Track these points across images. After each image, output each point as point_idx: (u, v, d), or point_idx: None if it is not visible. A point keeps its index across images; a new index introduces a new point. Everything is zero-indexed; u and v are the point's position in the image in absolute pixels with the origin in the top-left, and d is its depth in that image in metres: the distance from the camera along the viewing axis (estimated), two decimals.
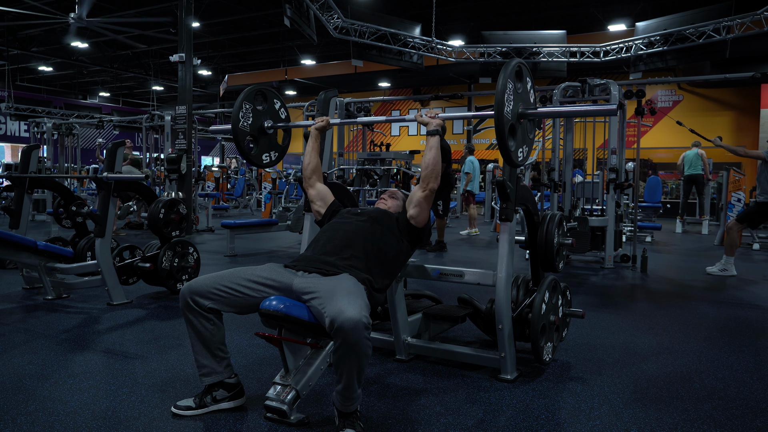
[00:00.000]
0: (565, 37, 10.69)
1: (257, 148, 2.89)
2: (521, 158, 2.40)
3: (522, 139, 2.39)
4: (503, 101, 2.22)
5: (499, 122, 2.21)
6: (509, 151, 2.30)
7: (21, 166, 4.80)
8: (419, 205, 2.52)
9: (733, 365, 3.01)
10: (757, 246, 8.03)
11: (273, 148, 2.99)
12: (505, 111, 2.23)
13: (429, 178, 2.50)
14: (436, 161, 2.50)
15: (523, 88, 2.39)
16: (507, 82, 2.24)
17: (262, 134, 2.89)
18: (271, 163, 3.00)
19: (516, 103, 2.32)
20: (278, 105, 2.97)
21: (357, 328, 1.88)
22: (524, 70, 2.39)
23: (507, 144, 2.27)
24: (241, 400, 2.34)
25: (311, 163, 2.81)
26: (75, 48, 16.37)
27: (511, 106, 2.28)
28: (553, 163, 6.61)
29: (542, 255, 2.96)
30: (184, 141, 8.94)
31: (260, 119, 2.86)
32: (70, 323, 3.67)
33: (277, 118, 2.95)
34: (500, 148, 2.30)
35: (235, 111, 2.74)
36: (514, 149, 2.34)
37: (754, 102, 14.86)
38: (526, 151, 2.44)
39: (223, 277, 2.23)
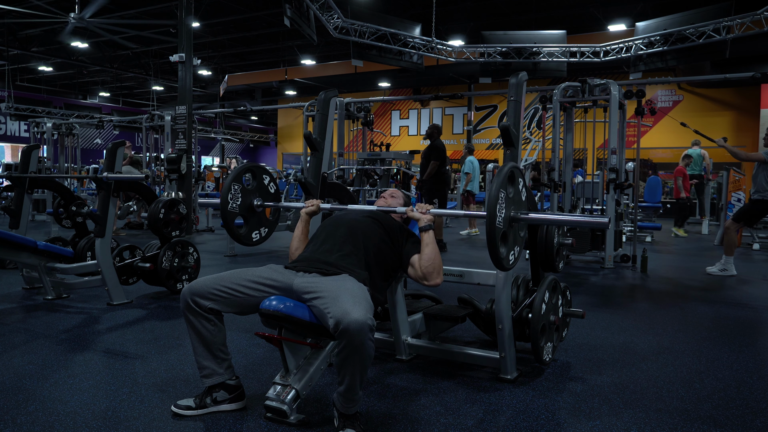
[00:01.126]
0: (565, 37, 10.69)
1: (247, 227, 2.85)
2: (512, 261, 2.34)
3: (513, 242, 2.34)
4: (495, 212, 2.16)
5: (490, 233, 2.16)
6: (500, 258, 2.23)
7: (21, 166, 4.80)
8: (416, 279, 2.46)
9: (733, 365, 3.01)
10: (757, 246, 8.03)
11: (262, 225, 2.93)
12: (497, 221, 2.18)
13: (431, 274, 2.41)
14: (435, 256, 2.42)
15: (515, 191, 2.33)
16: (499, 191, 2.19)
17: (251, 213, 2.84)
18: (260, 240, 2.94)
19: (508, 209, 2.27)
20: (267, 180, 2.91)
21: (362, 330, 1.88)
22: (516, 173, 2.33)
23: (498, 252, 2.21)
24: (242, 402, 2.34)
25: (299, 249, 2.71)
26: (75, 48, 16.37)
27: (503, 213, 2.22)
28: (553, 163, 6.61)
29: (542, 255, 2.95)
30: (184, 141, 8.94)
31: (249, 198, 2.81)
32: (70, 323, 3.67)
33: (266, 194, 2.89)
34: (491, 255, 2.23)
35: (224, 194, 2.70)
36: (505, 255, 2.28)
37: (754, 102, 14.87)
38: (517, 252, 2.38)
39: (223, 278, 2.23)
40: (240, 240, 2.84)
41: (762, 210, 5.84)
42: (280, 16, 8.43)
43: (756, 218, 6.01)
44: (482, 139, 19.62)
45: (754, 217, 5.96)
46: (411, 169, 8.21)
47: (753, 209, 5.88)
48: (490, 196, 2.18)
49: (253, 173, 2.89)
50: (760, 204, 5.79)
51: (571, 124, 6.68)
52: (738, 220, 5.92)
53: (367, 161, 7.46)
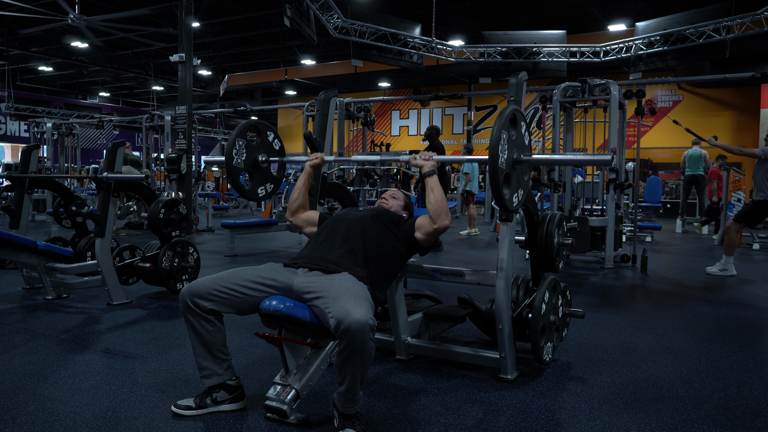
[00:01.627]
0: (565, 37, 10.69)
1: (252, 182, 2.87)
2: (516, 203, 2.36)
3: (516, 185, 2.36)
4: (498, 152, 2.18)
5: (493, 173, 2.17)
6: (503, 199, 2.26)
7: (21, 166, 4.80)
8: (427, 235, 2.49)
9: (733, 365, 3.01)
10: (757, 246, 8.03)
11: (268, 181, 2.96)
12: (500, 162, 2.19)
13: (438, 216, 2.44)
14: (442, 199, 2.46)
15: (518, 134, 2.35)
16: (501, 132, 2.20)
17: (256, 169, 2.86)
18: (266, 196, 2.97)
19: (511, 151, 2.29)
20: (271, 137, 2.93)
21: (363, 330, 1.88)
22: (518, 116, 2.35)
23: (501, 193, 2.24)
24: (242, 402, 2.33)
25: (298, 200, 2.74)
26: (75, 48, 16.37)
27: (505, 155, 2.24)
28: None
29: (542, 255, 2.96)
30: (184, 141, 8.94)
31: (254, 154, 2.83)
32: (70, 323, 3.67)
33: (270, 150, 2.91)
34: (494, 196, 2.26)
35: (228, 148, 2.71)
36: (509, 197, 2.31)
37: (754, 102, 14.86)
38: (521, 194, 2.40)
39: (222, 278, 2.22)
40: (246, 195, 2.88)
41: (764, 210, 5.83)
42: (280, 16, 8.43)
43: (758, 219, 6.00)
44: (482, 139, 19.61)
45: (756, 217, 5.96)
46: (411, 169, 8.21)
47: (755, 210, 5.88)
48: (493, 137, 2.20)
49: (258, 130, 2.90)
50: (762, 204, 5.78)
51: (571, 124, 6.68)
52: (739, 220, 5.92)
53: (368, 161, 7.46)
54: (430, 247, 2.59)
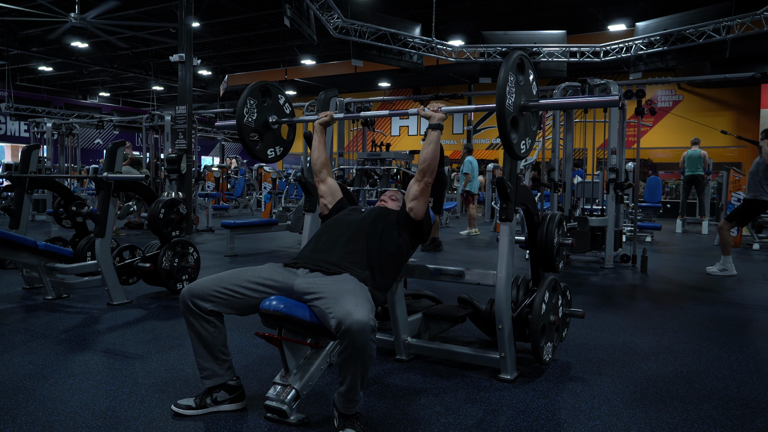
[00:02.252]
0: (565, 37, 10.69)
1: (262, 143, 2.89)
2: (524, 151, 2.38)
3: (525, 132, 2.38)
4: (505, 93, 2.19)
5: (500, 114, 2.19)
6: (511, 143, 2.27)
7: (21, 166, 4.80)
8: (416, 197, 2.53)
9: (733, 365, 3.01)
10: (757, 246, 8.03)
11: (278, 143, 2.99)
12: (507, 103, 2.21)
13: (426, 171, 2.52)
14: (434, 155, 2.53)
15: (525, 81, 2.37)
16: (509, 74, 2.22)
17: (266, 130, 2.88)
18: (276, 158, 3.00)
19: (518, 95, 2.30)
20: (282, 100, 2.97)
21: (365, 331, 1.88)
22: (526, 63, 2.37)
23: (509, 136, 2.25)
24: (242, 402, 2.33)
25: (320, 158, 2.82)
26: (75, 48, 16.37)
27: (513, 98, 2.26)
28: (553, 163, 6.61)
29: (542, 255, 2.95)
30: (184, 141, 8.94)
31: (265, 114, 2.86)
32: (70, 323, 3.67)
33: (281, 113, 2.96)
34: (502, 141, 2.28)
35: (240, 106, 2.73)
36: (517, 141, 2.33)
37: (754, 102, 14.86)
38: (528, 143, 2.43)
39: (222, 279, 2.22)
40: (255, 155, 2.89)
41: (755, 210, 5.84)
42: (280, 16, 8.44)
43: (749, 218, 6.01)
44: (482, 139, 19.61)
45: (747, 217, 5.96)
46: (411, 169, 8.21)
47: (746, 209, 5.88)
48: (500, 80, 2.20)
49: (269, 91, 2.91)
50: (753, 204, 5.79)
51: (571, 124, 6.67)
52: (731, 219, 5.92)
53: (367, 161, 7.46)
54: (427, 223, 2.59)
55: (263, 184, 13.32)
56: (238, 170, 17.63)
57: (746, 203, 5.88)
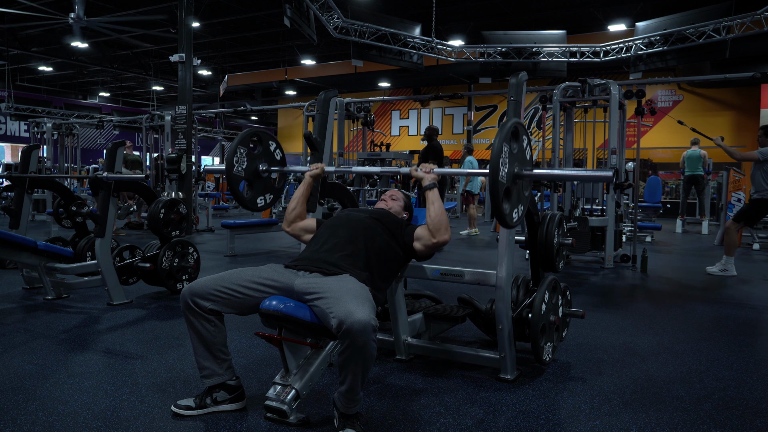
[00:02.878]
0: (565, 37, 10.69)
1: (252, 191, 2.84)
2: (516, 219, 2.33)
3: (517, 199, 2.33)
4: (498, 165, 2.14)
5: (494, 188, 2.14)
6: (504, 214, 2.22)
7: (21, 166, 4.79)
8: (426, 248, 2.46)
9: (733, 365, 3.01)
10: (757, 246, 8.03)
11: (268, 191, 2.91)
12: (500, 176, 2.16)
13: (438, 231, 2.40)
14: (442, 213, 2.42)
15: (519, 148, 2.31)
16: (502, 146, 2.17)
17: (256, 178, 2.82)
18: (266, 206, 2.93)
19: (512, 165, 2.25)
20: (273, 146, 2.89)
21: (366, 331, 1.88)
22: (520, 129, 2.31)
23: (501, 208, 2.20)
24: (242, 402, 2.34)
25: (296, 210, 2.72)
26: (75, 48, 16.36)
27: (506, 168, 2.20)
28: (553, 163, 6.61)
29: (542, 255, 2.95)
30: (184, 141, 8.94)
31: (255, 163, 2.80)
32: (70, 323, 3.67)
33: (272, 160, 2.87)
34: (494, 212, 2.23)
35: (229, 156, 2.68)
36: (509, 212, 2.27)
37: (754, 102, 14.86)
38: (521, 209, 2.37)
39: (223, 279, 2.22)
40: (245, 204, 2.84)
41: (762, 209, 5.84)
42: (280, 16, 8.43)
43: (756, 218, 6.01)
44: (482, 139, 19.61)
45: (754, 217, 5.96)
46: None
47: (753, 209, 5.89)
48: (494, 150, 2.17)
49: (260, 138, 2.88)
50: (759, 203, 5.79)
51: (571, 124, 6.68)
52: (738, 220, 5.92)
53: (367, 161, 7.46)
54: (429, 257, 2.58)
55: None
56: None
57: (753, 203, 5.88)
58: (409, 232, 2.52)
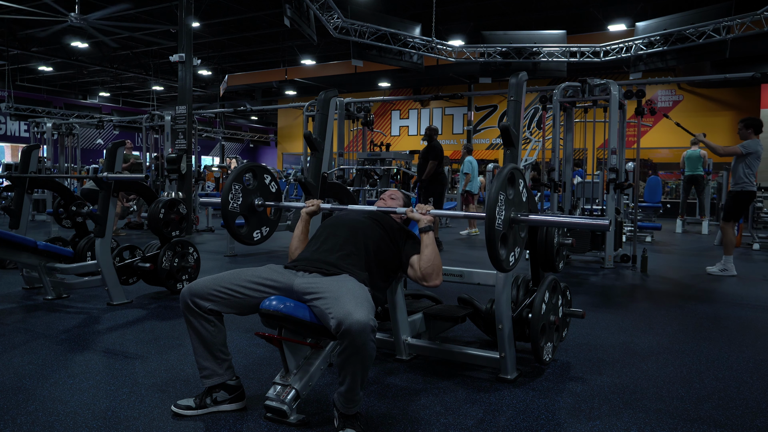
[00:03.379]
0: (565, 37, 10.69)
1: (248, 227, 2.84)
2: (512, 263, 2.32)
3: (513, 243, 2.32)
4: (494, 214, 2.14)
5: (490, 235, 2.14)
6: (500, 260, 2.21)
7: (21, 166, 4.79)
8: (416, 280, 2.43)
9: (733, 365, 3.01)
10: (757, 246, 8.03)
11: (263, 224, 2.90)
12: (497, 224, 2.16)
13: (431, 276, 2.38)
14: (435, 257, 2.39)
15: (515, 192, 2.30)
16: (498, 194, 2.17)
17: (251, 213, 2.82)
18: (261, 239, 2.91)
19: (508, 210, 2.25)
20: (268, 180, 2.89)
21: (364, 331, 1.88)
22: (516, 175, 2.31)
23: (498, 254, 2.19)
24: (242, 402, 2.34)
25: (298, 249, 2.71)
26: (75, 48, 16.37)
27: (503, 215, 2.20)
28: (553, 163, 6.61)
29: (542, 255, 2.95)
30: (184, 141, 8.93)
31: (250, 197, 2.79)
32: (70, 323, 3.67)
33: (267, 194, 2.86)
34: (490, 257, 2.21)
35: (225, 193, 2.68)
36: (505, 257, 2.26)
37: (754, 102, 14.86)
38: (517, 253, 2.36)
39: (223, 279, 2.22)
40: (241, 240, 2.83)
41: (746, 200, 5.84)
42: (280, 16, 8.43)
43: (742, 211, 5.98)
44: (482, 139, 19.62)
45: (739, 210, 5.94)
46: (411, 169, 8.21)
47: (735, 202, 5.88)
48: (490, 198, 2.16)
49: (254, 173, 2.87)
50: (740, 196, 5.80)
51: (571, 124, 6.68)
52: (728, 219, 5.91)
53: (367, 161, 7.46)
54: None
55: None
56: None
57: (734, 198, 5.87)
58: (407, 251, 2.49)
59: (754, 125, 5.84)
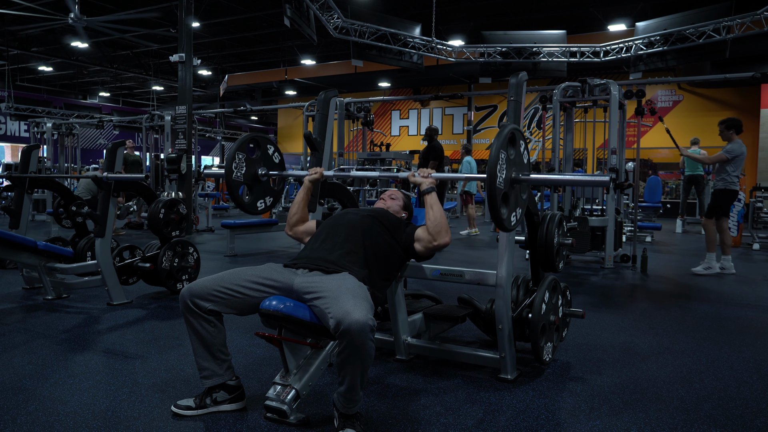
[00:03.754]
0: (565, 37, 10.68)
1: (251, 196, 2.86)
2: (514, 222, 2.34)
3: (515, 204, 2.34)
4: (495, 173, 2.15)
5: (491, 193, 2.15)
6: (502, 219, 2.23)
7: (21, 166, 4.80)
8: (426, 249, 2.47)
9: (733, 365, 3.01)
10: (757, 246, 8.03)
11: (267, 194, 2.94)
12: (498, 182, 2.17)
13: (439, 234, 2.41)
14: (441, 216, 2.43)
15: (516, 153, 2.32)
16: (499, 152, 2.18)
17: (255, 182, 2.85)
18: (266, 209, 2.95)
19: (509, 170, 2.26)
20: (272, 150, 2.92)
21: (363, 331, 1.88)
22: (517, 135, 2.33)
23: (500, 213, 2.21)
24: (242, 402, 2.34)
25: (297, 215, 2.75)
26: (75, 48, 16.36)
27: (504, 174, 2.21)
28: (553, 163, 6.61)
29: (542, 255, 2.95)
30: (184, 141, 8.94)
31: (254, 167, 2.82)
32: (70, 323, 3.67)
33: (270, 164, 2.90)
34: (492, 217, 2.24)
35: (228, 162, 2.71)
36: (507, 216, 2.28)
37: (754, 102, 14.86)
38: (518, 213, 2.38)
39: (222, 279, 2.22)
40: (245, 209, 2.87)
41: (727, 199, 5.84)
42: (280, 16, 8.43)
43: (725, 208, 5.93)
44: (482, 139, 19.61)
45: (722, 207, 5.90)
46: (411, 169, 8.21)
47: (719, 201, 5.88)
48: (491, 157, 2.18)
49: (258, 143, 2.90)
50: (724, 194, 5.82)
51: (571, 124, 6.68)
52: (711, 216, 5.88)
53: (367, 161, 7.47)
54: (429, 258, 2.58)
55: None
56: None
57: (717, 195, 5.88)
58: (409, 233, 2.52)
59: (735, 126, 5.87)
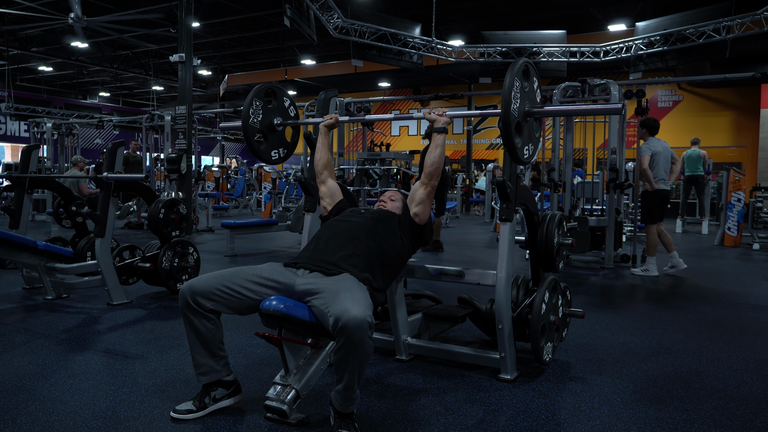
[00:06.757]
0: (565, 37, 10.69)
1: (266, 144, 2.93)
2: (527, 156, 2.42)
3: (528, 137, 2.41)
4: (510, 99, 2.22)
5: (505, 119, 2.21)
6: (515, 148, 2.31)
7: (21, 166, 4.80)
8: (422, 202, 2.58)
9: (733, 365, 3.01)
10: (757, 246, 8.03)
11: (282, 145, 3.03)
12: (512, 108, 2.24)
13: (433, 175, 2.56)
14: (441, 159, 2.57)
15: (530, 87, 2.40)
16: (514, 80, 2.25)
17: (271, 131, 2.93)
18: (279, 159, 3.05)
19: (523, 101, 2.33)
20: (287, 103, 3.02)
21: (361, 327, 1.88)
22: (531, 70, 2.41)
23: (513, 141, 2.28)
24: (240, 396, 2.34)
25: (323, 159, 2.87)
26: (75, 48, 16.37)
27: (518, 103, 2.29)
28: (553, 163, 6.61)
29: (542, 255, 2.95)
30: (184, 141, 8.93)
31: (270, 117, 2.90)
32: (70, 323, 3.67)
33: (286, 115, 3.00)
34: (506, 146, 2.31)
35: (246, 107, 2.78)
36: (520, 146, 2.36)
37: (754, 102, 14.86)
38: (531, 149, 2.47)
39: (224, 278, 2.21)
40: (260, 156, 2.95)
41: (652, 200, 5.80)
42: (280, 16, 8.44)
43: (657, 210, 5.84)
44: (482, 139, 19.62)
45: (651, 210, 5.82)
46: (411, 169, 8.21)
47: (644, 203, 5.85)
48: (506, 84, 2.23)
49: (274, 93, 2.94)
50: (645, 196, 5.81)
51: (571, 125, 6.67)
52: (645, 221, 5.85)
53: (367, 161, 7.46)
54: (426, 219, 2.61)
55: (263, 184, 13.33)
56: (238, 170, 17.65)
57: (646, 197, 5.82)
58: (405, 211, 2.62)
59: (647, 125, 5.90)
